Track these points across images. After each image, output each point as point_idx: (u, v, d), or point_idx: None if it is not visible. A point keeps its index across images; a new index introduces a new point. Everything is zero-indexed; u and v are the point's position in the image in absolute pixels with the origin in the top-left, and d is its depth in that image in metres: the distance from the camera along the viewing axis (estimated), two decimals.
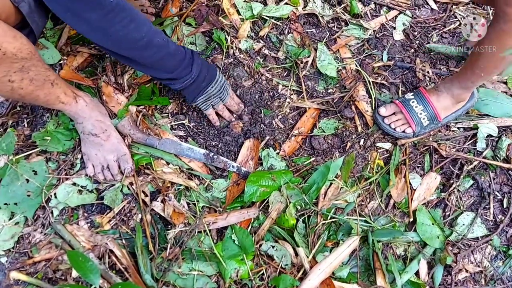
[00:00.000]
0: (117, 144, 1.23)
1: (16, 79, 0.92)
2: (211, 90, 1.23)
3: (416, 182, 1.29)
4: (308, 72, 1.46)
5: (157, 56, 1.06)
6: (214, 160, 1.29)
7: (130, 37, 0.97)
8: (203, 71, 1.18)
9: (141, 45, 1.00)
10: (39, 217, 1.18)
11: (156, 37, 1.03)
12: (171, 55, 1.09)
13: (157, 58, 1.06)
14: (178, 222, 1.19)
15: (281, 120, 1.39)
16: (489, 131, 1.36)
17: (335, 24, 1.57)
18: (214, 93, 1.25)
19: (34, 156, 1.25)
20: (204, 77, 1.19)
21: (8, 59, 0.86)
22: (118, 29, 0.94)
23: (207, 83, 1.21)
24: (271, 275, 1.14)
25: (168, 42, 1.08)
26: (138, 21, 0.97)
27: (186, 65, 1.13)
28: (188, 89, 1.19)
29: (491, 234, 1.25)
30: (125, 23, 0.94)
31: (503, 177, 1.33)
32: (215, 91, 1.24)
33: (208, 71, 1.21)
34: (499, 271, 1.22)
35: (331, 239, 1.20)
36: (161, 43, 1.05)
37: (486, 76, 1.13)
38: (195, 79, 1.17)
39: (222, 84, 1.26)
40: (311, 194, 1.22)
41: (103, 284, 1.10)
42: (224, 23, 1.49)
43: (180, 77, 1.14)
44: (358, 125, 1.38)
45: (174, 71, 1.12)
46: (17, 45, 0.86)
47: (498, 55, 1.03)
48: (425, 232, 1.22)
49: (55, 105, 1.10)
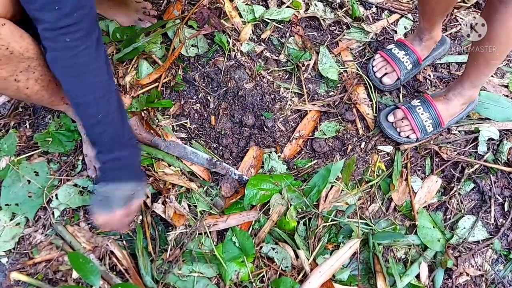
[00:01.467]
0: None
1: (22, 79, 0.92)
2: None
3: (417, 185, 1.29)
4: (309, 75, 1.46)
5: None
6: (217, 166, 1.29)
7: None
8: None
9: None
10: (40, 218, 1.19)
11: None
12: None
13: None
14: (179, 224, 1.19)
15: (282, 123, 1.39)
16: (490, 134, 1.36)
17: (336, 28, 1.58)
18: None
19: (35, 157, 1.25)
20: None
21: (15, 59, 0.87)
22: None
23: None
24: (272, 277, 1.14)
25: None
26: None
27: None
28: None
29: (492, 238, 1.25)
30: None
31: (504, 181, 1.33)
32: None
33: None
34: (500, 275, 1.21)
35: (332, 241, 1.20)
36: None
37: (500, 61, 1.14)
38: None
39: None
40: (312, 197, 1.22)
41: (104, 285, 1.10)
42: (226, 25, 1.49)
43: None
44: (359, 128, 1.39)
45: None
46: (23, 44, 0.87)
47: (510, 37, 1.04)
48: (426, 235, 1.22)
49: (59, 106, 1.10)
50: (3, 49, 0.82)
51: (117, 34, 1.41)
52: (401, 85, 1.42)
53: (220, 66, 1.44)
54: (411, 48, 1.37)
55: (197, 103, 1.40)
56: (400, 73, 1.37)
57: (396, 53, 1.39)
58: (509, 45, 1.08)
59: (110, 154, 0.98)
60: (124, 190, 1.02)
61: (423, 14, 1.29)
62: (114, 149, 0.99)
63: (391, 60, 1.38)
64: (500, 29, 1.03)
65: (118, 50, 1.40)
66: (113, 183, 1.00)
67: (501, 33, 1.04)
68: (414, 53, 1.37)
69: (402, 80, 1.39)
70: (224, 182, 1.27)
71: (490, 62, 1.14)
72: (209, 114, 1.39)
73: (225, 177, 1.28)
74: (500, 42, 1.07)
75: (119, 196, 1.01)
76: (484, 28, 1.06)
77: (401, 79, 1.38)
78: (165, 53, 1.45)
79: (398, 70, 1.37)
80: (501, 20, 1.01)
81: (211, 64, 1.45)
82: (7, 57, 0.84)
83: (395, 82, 1.40)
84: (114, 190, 1.00)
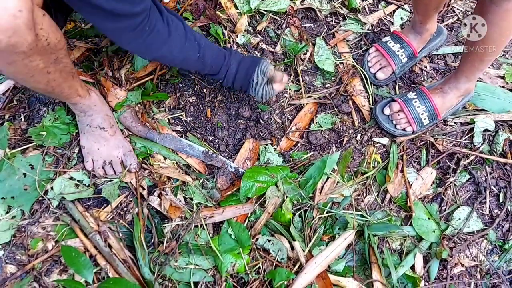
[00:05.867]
0: (123, 140, 1.24)
1: (52, 71, 0.91)
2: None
3: (412, 177, 1.30)
4: (305, 67, 1.46)
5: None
6: (213, 158, 1.28)
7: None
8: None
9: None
10: (36, 211, 1.19)
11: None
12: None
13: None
14: (175, 217, 1.20)
15: (278, 115, 1.39)
16: (486, 125, 1.36)
17: (333, 19, 1.57)
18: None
19: (30, 150, 1.25)
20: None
21: (50, 50, 0.85)
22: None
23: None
24: (267, 268, 1.14)
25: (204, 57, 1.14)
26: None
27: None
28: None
29: (487, 229, 1.25)
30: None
31: (500, 172, 1.33)
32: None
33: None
34: (494, 265, 1.22)
35: (327, 233, 1.20)
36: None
37: (494, 58, 1.14)
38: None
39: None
40: (307, 189, 1.22)
41: (106, 266, 1.11)
42: (222, 17, 1.48)
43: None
44: (355, 120, 1.39)
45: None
46: (58, 36, 0.86)
47: (507, 33, 1.03)
48: (421, 227, 1.23)
49: (72, 98, 1.09)
50: (43, 40, 0.81)
51: None
52: (396, 78, 1.42)
53: None
54: (407, 41, 1.37)
55: (192, 95, 1.39)
56: (395, 66, 1.37)
57: (392, 46, 1.38)
58: (502, 42, 1.08)
59: (233, 63, 1.18)
60: (265, 69, 1.19)
61: (416, 8, 1.28)
62: (229, 60, 1.18)
63: (386, 53, 1.38)
64: (493, 29, 1.03)
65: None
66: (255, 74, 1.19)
67: (494, 33, 1.04)
68: (409, 46, 1.36)
69: (397, 73, 1.39)
70: (220, 174, 1.27)
71: (484, 59, 1.15)
72: (205, 106, 1.38)
73: (221, 169, 1.28)
74: (494, 41, 1.06)
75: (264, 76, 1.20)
76: (484, 28, 1.05)
77: (396, 72, 1.38)
78: None
79: (393, 63, 1.37)
80: (493, 20, 1.01)
81: None
82: (45, 48, 0.83)
83: (390, 76, 1.40)
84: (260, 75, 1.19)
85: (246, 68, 1.19)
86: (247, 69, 1.19)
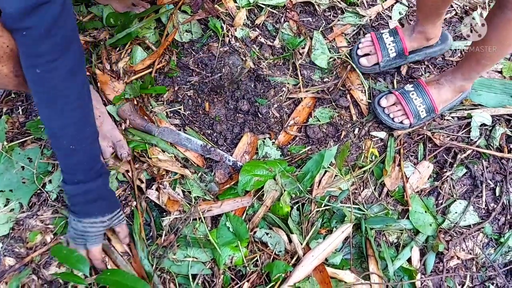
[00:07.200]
0: (111, 130, 1.23)
1: (21, 74, 0.91)
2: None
3: (409, 171, 1.30)
4: (304, 61, 1.46)
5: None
6: (211, 152, 1.29)
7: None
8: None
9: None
10: (34, 204, 1.19)
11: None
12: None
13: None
14: (173, 210, 1.20)
15: (276, 109, 1.39)
16: (482, 120, 1.36)
17: (331, 13, 1.57)
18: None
19: (28, 143, 1.25)
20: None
21: (13, 55, 0.87)
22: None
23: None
24: (265, 261, 1.15)
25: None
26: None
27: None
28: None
29: (483, 222, 1.26)
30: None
31: (496, 166, 1.34)
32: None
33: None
34: (490, 258, 1.23)
35: (325, 226, 1.21)
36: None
37: (492, 64, 1.14)
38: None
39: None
40: (305, 182, 1.23)
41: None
42: (220, 11, 1.48)
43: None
44: (353, 114, 1.39)
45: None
46: None
47: (507, 43, 1.03)
48: (418, 220, 1.24)
49: None
50: (4, 46, 0.84)
51: (111, 19, 1.40)
52: (380, 70, 1.41)
53: (214, 52, 1.43)
54: (401, 37, 1.36)
55: (191, 89, 1.39)
56: (382, 58, 1.37)
57: (386, 38, 1.38)
58: (500, 51, 1.08)
59: (80, 186, 0.96)
60: (99, 226, 1.02)
61: (418, 5, 1.27)
62: (85, 180, 0.96)
63: (377, 42, 1.38)
64: (494, 34, 1.03)
65: (112, 35, 1.39)
66: (86, 219, 1.00)
67: (495, 38, 1.04)
68: (401, 42, 1.36)
69: (381, 66, 1.38)
70: (218, 168, 1.27)
71: (480, 61, 1.15)
72: (203, 100, 1.38)
73: (219, 163, 1.28)
74: (493, 46, 1.07)
75: (94, 233, 1.02)
76: (484, 28, 1.05)
77: (380, 64, 1.38)
78: (158, 39, 1.44)
79: (380, 54, 1.37)
80: (497, 26, 1.02)
81: (205, 49, 1.44)
82: (8, 55, 0.86)
83: (373, 66, 1.39)
84: (87, 227, 1.00)
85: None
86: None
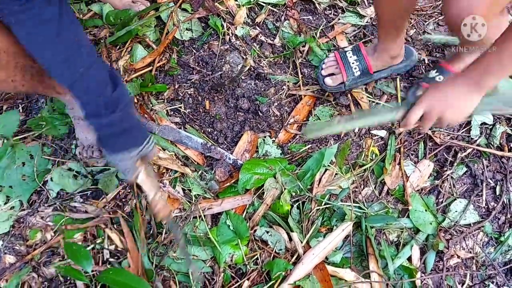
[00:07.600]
0: None
1: (18, 79, 0.92)
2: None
3: (410, 169, 1.30)
4: (304, 59, 1.46)
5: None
6: (212, 150, 1.29)
7: None
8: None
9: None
10: (34, 201, 1.19)
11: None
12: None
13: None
14: (173, 208, 1.20)
15: (277, 108, 1.39)
16: (483, 118, 1.36)
17: (331, 11, 1.57)
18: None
19: (29, 141, 1.25)
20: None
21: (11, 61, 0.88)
22: None
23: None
24: (265, 259, 1.15)
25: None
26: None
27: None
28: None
29: (483, 221, 1.26)
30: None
31: (496, 165, 1.34)
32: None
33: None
34: (490, 257, 1.23)
35: (325, 224, 1.21)
36: None
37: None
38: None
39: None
40: (305, 181, 1.23)
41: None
42: (221, 9, 1.48)
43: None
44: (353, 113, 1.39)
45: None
46: (15, 46, 0.86)
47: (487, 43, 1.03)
48: (418, 219, 1.24)
49: (52, 94, 1.10)
50: (1, 52, 0.83)
51: (110, 17, 1.39)
52: (345, 89, 1.38)
53: (214, 50, 1.43)
54: (364, 56, 1.34)
55: (191, 87, 1.39)
56: (346, 78, 1.34)
57: (349, 56, 1.36)
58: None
59: (104, 119, 0.91)
60: (128, 159, 0.97)
61: (378, 20, 1.25)
62: (107, 113, 0.91)
63: (341, 62, 1.36)
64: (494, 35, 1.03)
65: (112, 33, 1.39)
66: (114, 154, 0.96)
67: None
68: (365, 61, 1.34)
69: (346, 85, 1.36)
70: (218, 166, 1.27)
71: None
72: (204, 98, 1.38)
73: (219, 161, 1.28)
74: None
75: (125, 166, 0.98)
76: (484, 28, 1.05)
77: (345, 84, 1.35)
78: (159, 37, 1.44)
79: (345, 74, 1.34)
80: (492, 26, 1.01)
81: (205, 48, 1.44)
82: (6, 60, 0.85)
83: (338, 85, 1.36)
84: (118, 161, 0.97)
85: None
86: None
